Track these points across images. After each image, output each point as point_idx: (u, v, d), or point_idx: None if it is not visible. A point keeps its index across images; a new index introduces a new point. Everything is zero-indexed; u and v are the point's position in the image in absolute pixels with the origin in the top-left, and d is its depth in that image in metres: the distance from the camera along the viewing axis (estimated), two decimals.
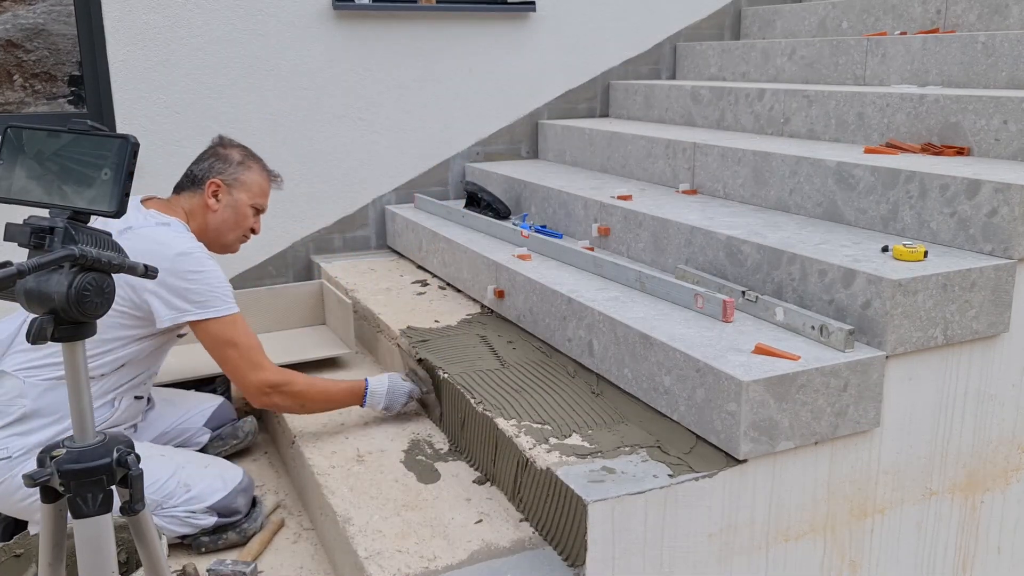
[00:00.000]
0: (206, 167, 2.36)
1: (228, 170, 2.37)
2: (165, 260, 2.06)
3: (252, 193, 2.40)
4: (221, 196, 2.35)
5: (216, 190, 2.34)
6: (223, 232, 2.38)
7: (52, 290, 1.12)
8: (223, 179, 2.35)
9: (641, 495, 1.70)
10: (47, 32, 5.22)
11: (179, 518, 2.13)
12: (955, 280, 1.97)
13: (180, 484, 2.14)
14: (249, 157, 2.43)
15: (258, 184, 2.42)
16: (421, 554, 1.79)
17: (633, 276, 2.43)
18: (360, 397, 2.37)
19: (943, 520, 2.16)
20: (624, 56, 4.27)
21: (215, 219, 2.36)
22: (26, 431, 2.05)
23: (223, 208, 2.36)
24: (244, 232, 2.43)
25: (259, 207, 2.45)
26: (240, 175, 2.38)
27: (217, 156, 2.39)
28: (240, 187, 2.38)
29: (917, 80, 3.15)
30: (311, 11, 3.58)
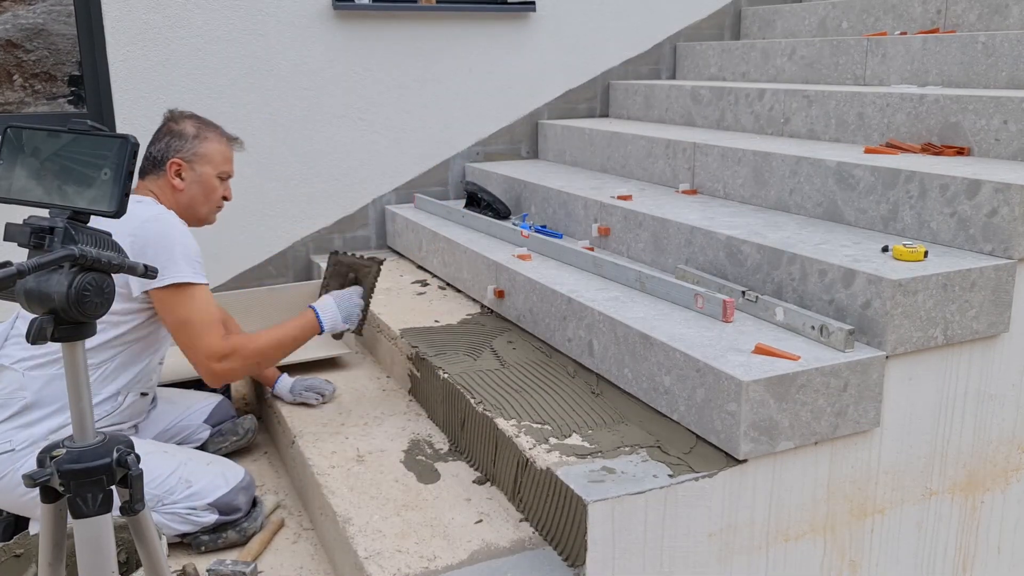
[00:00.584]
0: (163, 147, 2.32)
1: (185, 146, 2.32)
2: (133, 225, 2.06)
3: (215, 163, 2.36)
4: (184, 173, 2.31)
5: (179, 169, 2.30)
6: (195, 207, 2.35)
7: (52, 290, 1.12)
8: (182, 157, 2.31)
9: (641, 495, 1.70)
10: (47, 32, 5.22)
11: (180, 515, 2.13)
12: (955, 280, 1.97)
13: (181, 480, 2.15)
14: (204, 127, 2.38)
15: (219, 152, 2.37)
16: (421, 554, 1.79)
17: (633, 276, 2.43)
18: (314, 325, 2.37)
19: (943, 520, 2.16)
20: (624, 56, 4.27)
21: (184, 197, 2.32)
22: (28, 423, 2.06)
23: (189, 184, 2.32)
24: (216, 203, 2.41)
25: (225, 175, 2.40)
26: (198, 148, 2.33)
27: (172, 133, 2.34)
28: (201, 160, 2.33)
29: (917, 80, 3.15)
30: (311, 11, 3.58)
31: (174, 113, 2.41)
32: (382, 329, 2.87)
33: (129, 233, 2.04)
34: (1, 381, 2.09)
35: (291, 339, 2.34)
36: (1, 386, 2.08)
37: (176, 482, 2.14)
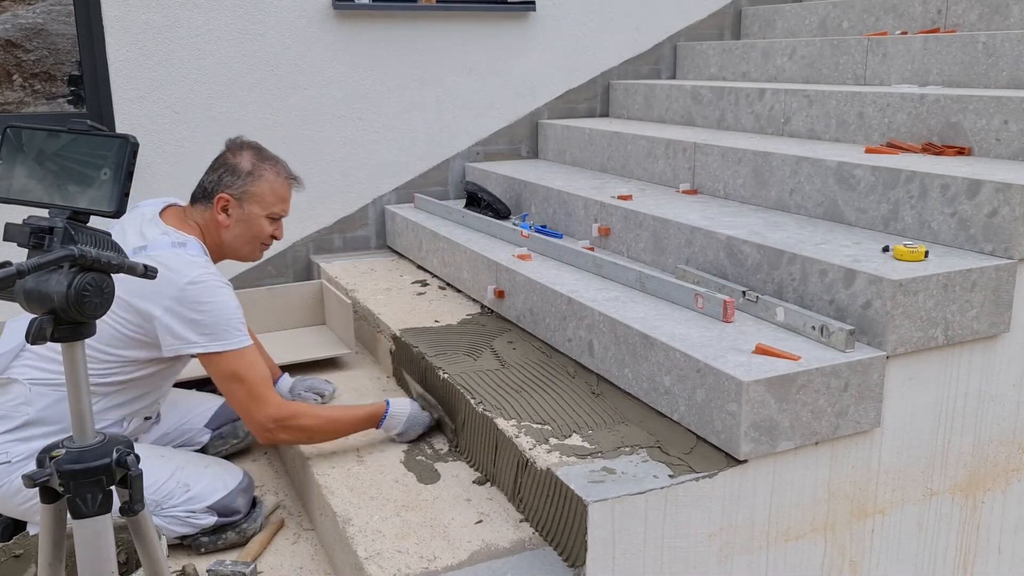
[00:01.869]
0: (215, 179, 2.23)
1: (237, 183, 2.22)
2: (175, 288, 2.02)
3: (265, 203, 2.25)
4: (232, 211, 2.23)
5: (226, 205, 2.22)
6: (237, 247, 2.28)
7: (51, 290, 1.12)
8: (232, 193, 2.21)
9: (641, 495, 1.69)
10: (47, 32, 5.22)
11: (179, 518, 2.13)
12: (956, 280, 1.97)
13: (179, 484, 2.14)
14: (261, 162, 2.26)
15: (271, 193, 2.26)
16: (421, 554, 1.79)
17: (633, 276, 2.42)
18: (377, 420, 2.28)
19: (944, 520, 2.16)
20: (624, 56, 4.27)
21: (228, 235, 2.25)
22: (27, 437, 2.05)
23: (235, 223, 2.23)
24: (263, 241, 2.31)
25: (275, 215, 2.29)
26: (250, 187, 2.23)
27: (226, 167, 2.24)
28: (251, 199, 2.23)
29: (918, 80, 3.15)
30: (311, 11, 3.58)
31: (233, 144, 2.30)
32: (382, 329, 2.87)
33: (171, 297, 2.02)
34: (9, 393, 2.07)
35: (349, 427, 2.27)
36: (8, 398, 2.07)
37: (174, 486, 2.14)
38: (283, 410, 2.13)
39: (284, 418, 2.13)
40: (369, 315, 3.00)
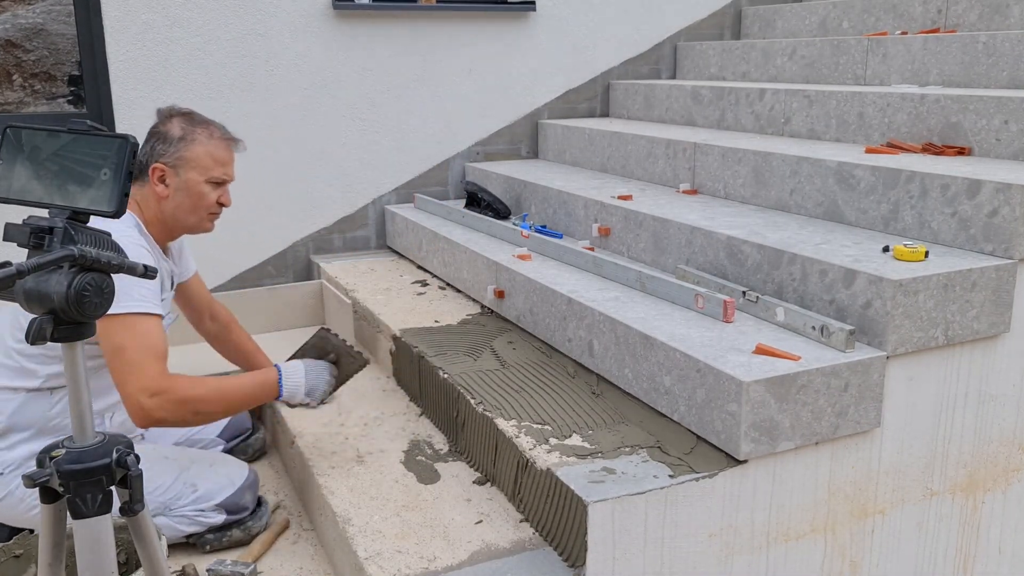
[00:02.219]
0: (148, 150, 2.10)
1: (169, 151, 2.09)
2: None
3: (202, 167, 2.11)
4: (168, 180, 2.09)
5: (162, 175, 2.09)
6: (181, 217, 2.13)
7: (51, 290, 1.12)
8: (165, 162, 2.09)
9: (641, 495, 1.69)
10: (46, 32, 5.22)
11: (189, 517, 2.12)
12: (956, 280, 1.97)
13: (187, 485, 2.14)
14: (193, 126, 2.13)
15: (207, 156, 2.12)
16: (421, 554, 1.79)
17: (633, 276, 2.42)
18: (273, 387, 2.12)
19: (944, 520, 2.16)
20: (624, 56, 4.27)
21: (168, 206, 2.11)
22: (8, 445, 2.03)
23: (174, 192, 2.10)
24: (208, 209, 2.16)
25: (217, 179, 2.15)
26: (183, 152, 2.09)
27: (157, 135, 2.12)
28: (186, 165, 2.10)
29: (918, 80, 3.15)
30: (311, 11, 3.58)
31: (163, 112, 2.18)
32: (382, 329, 2.87)
33: None
34: None
35: (242, 395, 2.08)
36: None
37: (182, 487, 2.13)
38: (160, 381, 1.90)
39: (161, 390, 1.89)
40: (369, 315, 3.00)
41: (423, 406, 2.53)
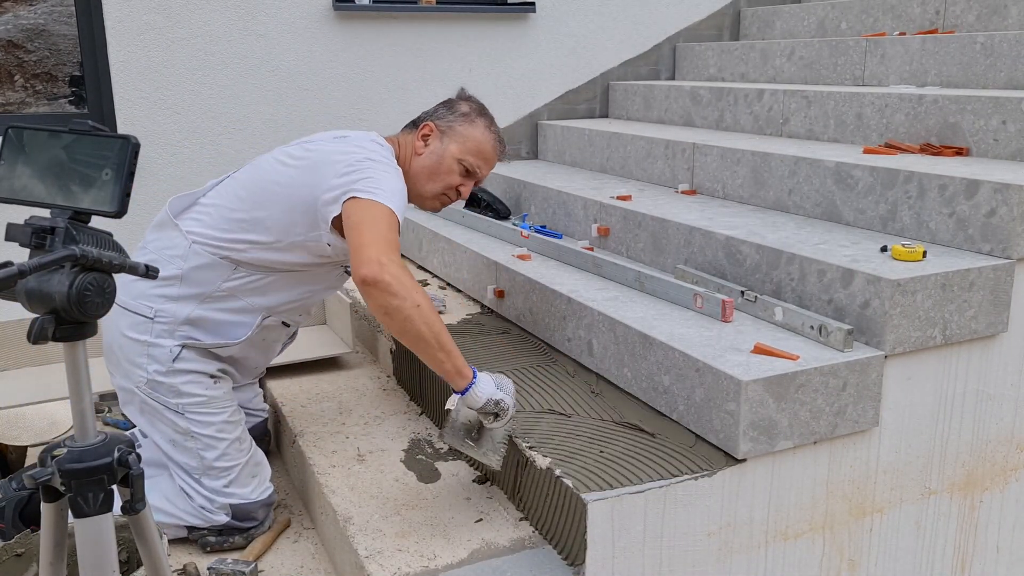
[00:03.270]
0: (431, 111, 2.25)
1: (447, 117, 2.19)
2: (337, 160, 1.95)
3: (464, 147, 2.17)
4: (430, 141, 2.18)
5: (427, 133, 2.18)
6: (421, 179, 2.16)
7: (53, 290, 1.13)
8: (438, 123, 2.19)
9: (640, 494, 1.70)
10: (48, 33, 5.23)
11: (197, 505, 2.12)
12: (954, 280, 1.97)
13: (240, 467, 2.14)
14: (478, 113, 2.23)
15: (475, 140, 2.18)
16: (421, 553, 1.80)
17: (632, 276, 2.43)
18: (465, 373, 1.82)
19: (942, 519, 2.16)
20: (623, 57, 4.28)
21: (417, 163, 2.17)
22: (175, 296, 2.05)
23: (428, 153, 2.16)
24: (446, 188, 2.19)
25: (470, 166, 2.18)
26: (457, 125, 2.18)
27: (446, 103, 2.25)
28: (453, 136, 2.17)
29: (916, 80, 3.16)
30: (311, 12, 3.58)
31: (464, 91, 2.31)
32: (382, 329, 2.87)
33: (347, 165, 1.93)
34: (169, 240, 2.07)
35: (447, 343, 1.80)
36: (166, 244, 2.07)
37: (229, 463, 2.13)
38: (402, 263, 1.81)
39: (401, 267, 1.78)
40: (369, 315, 3.01)
41: (423, 405, 2.53)
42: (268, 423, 2.61)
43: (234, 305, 2.10)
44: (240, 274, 2.08)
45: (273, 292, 2.13)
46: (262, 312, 2.15)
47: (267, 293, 2.12)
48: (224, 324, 2.12)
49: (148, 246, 2.12)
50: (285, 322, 2.26)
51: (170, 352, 2.06)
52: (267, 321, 2.18)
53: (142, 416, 2.13)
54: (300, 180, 2.00)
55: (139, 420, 2.15)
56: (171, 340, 2.06)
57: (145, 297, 2.06)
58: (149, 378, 2.07)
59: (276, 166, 2.07)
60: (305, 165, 2.02)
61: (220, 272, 2.06)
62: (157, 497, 2.13)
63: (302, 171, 2.01)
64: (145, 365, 2.06)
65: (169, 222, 2.10)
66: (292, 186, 2.01)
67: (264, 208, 2.04)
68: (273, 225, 2.04)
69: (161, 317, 2.05)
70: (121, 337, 2.07)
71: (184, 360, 2.08)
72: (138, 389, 2.09)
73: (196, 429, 2.10)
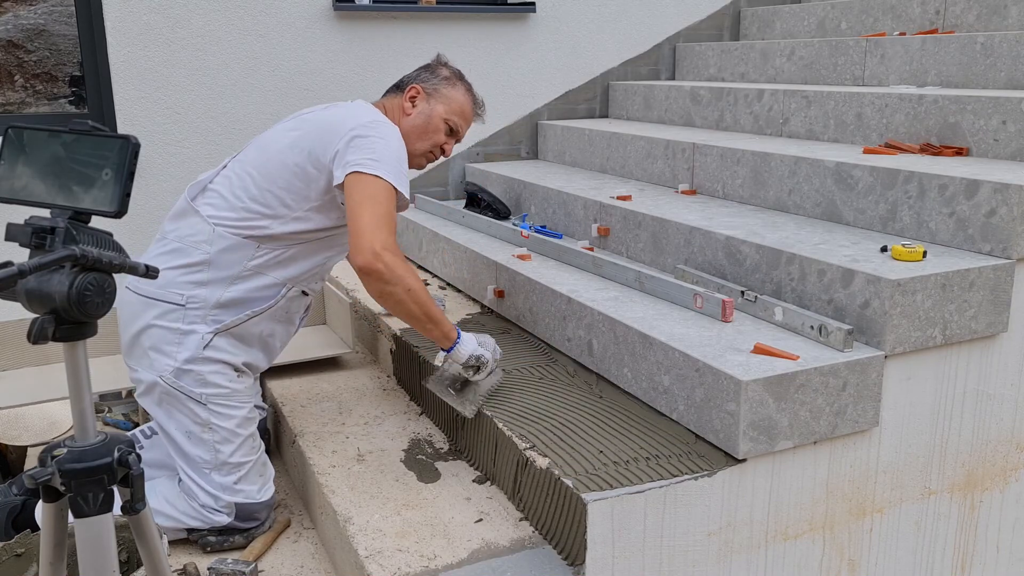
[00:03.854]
0: (413, 75, 2.38)
1: (432, 80, 2.35)
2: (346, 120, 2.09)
3: (449, 108, 2.34)
4: (418, 102, 2.32)
5: (414, 95, 2.32)
6: (411, 138, 2.27)
7: (53, 290, 1.13)
8: (424, 86, 2.33)
9: (640, 494, 1.70)
10: (48, 33, 5.23)
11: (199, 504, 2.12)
12: (954, 280, 1.97)
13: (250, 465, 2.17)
14: (458, 78, 2.40)
15: (458, 102, 2.36)
16: (421, 553, 1.80)
17: (632, 276, 2.43)
18: (451, 332, 2.09)
19: (942, 519, 2.16)
20: (623, 57, 4.28)
21: (407, 123, 2.29)
22: (204, 281, 2.09)
23: (416, 114, 2.30)
24: (433, 146, 2.34)
25: (454, 125, 2.35)
26: (442, 87, 2.34)
27: (427, 67, 2.40)
28: (439, 97, 2.33)
29: (916, 80, 3.16)
30: (311, 12, 3.58)
31: (440, 57, 2.46)
32: (382, 329, 2.88)
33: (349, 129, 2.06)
34: (190, 226, 2.12)
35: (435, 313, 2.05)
36: (188, 231, 2.11)
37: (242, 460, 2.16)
38: (397, 250, 1.99)
39: (396, 254, 1.96)
40: (369, 315, 3.01)
41: (423, 405, 2.53)
42: (267, 421, 2.61)
43: (260, 283, 2.16)
44: (263, 251, 2.13)
45: (295, 263, 2.19)
46: (286, 284, 2.21)
47: (290, 265, 2.18)
48: (252, 301, 2.17)
49: (169, 235, 2.15)
50: (304, 291, 2.31)
51: (202, 339, 2.10)
52: (291, 292, 2.23)
53: (160, 408, 2.14)
54: (307, 145, 2.10)
55: (156, 412, 2.15)
56: (204, 326, 2.11)
57: (174, 285, 2.09)
58: (177, 366, 2.09)
59: (281, 138, 2.16)
60: (310, 129, 2.13)
61: (245, 252, 2.12)
62: (157, 499, 2.13)
63: (307, 135, 2.12)
64: (175, 353, 2.09)
65: (189, 209, 2.14)
66: (300, 152, 2.10)
67: (277, 181, 2.11)
68: (288, 196, 2.11)
69: (193, 303, 2.09)
70: (151, 327, 2.10)
71: (214, 348, 2.12)
72: (162, 379, 2.10)
73: (216, 421, 2.12)
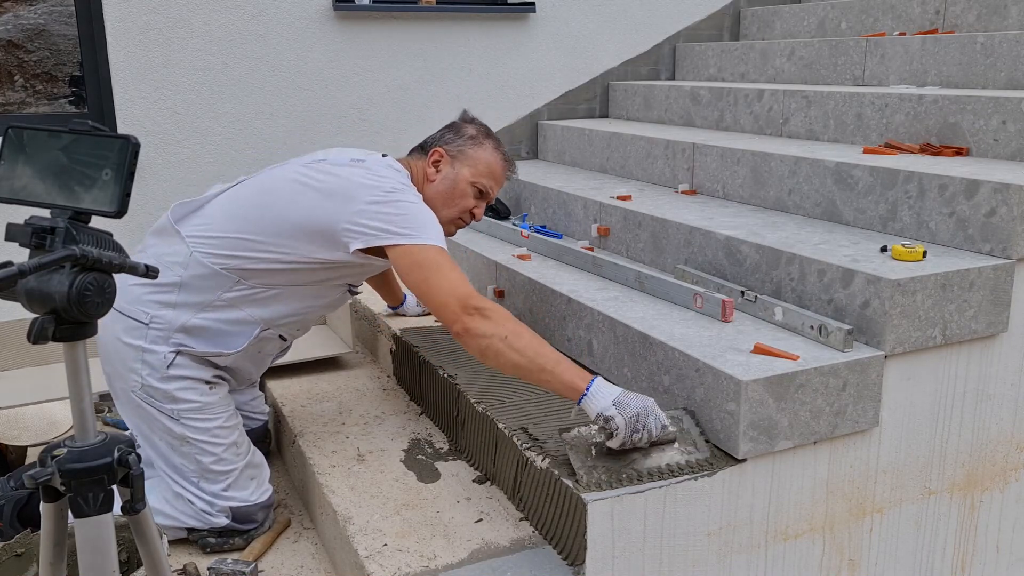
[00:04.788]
0: (437, 136, 2.28)
1: (456, 141, 2.24)
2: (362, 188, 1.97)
3: (476, 170, 2.23)
4: (442, 167, 2.22)
5: (438, 159, 2.22)
6: (437, 206, 2.15)
7: (53, 290, 1.13)
8: (447, 149, 2.23)
9: (640, 494, 1.70)
10: (48, 33, 5.23)
11: (194, 509, 2.12)
12: (954, 280, 1.97)
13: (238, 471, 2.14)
14: (485, 135, 2.29)
15: (485, 163, 2.24)
16: (421, 553, 1.80)
17: (632, 276, 2.43)
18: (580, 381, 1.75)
19: (942, 519, 2.16)
20: (623, 57, 4.28)
21: (431, 190, 2.19)
22: (172, 303, 2.03)
23: (441, 179, 2.20)
24: (461, 212, 2.24)
25: (482, 188, 2.24)
26: (467, 148, 2.23)
27: (451, 127, 2.30)
28: (464, 160, 2.22)
29: (916, 80, 3.16)
30: (311, 12, 3.58)
31: (467, 114, 2.36)
32: (382, 329, 2.88)
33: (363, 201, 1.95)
34: (170, 245, 2.05)
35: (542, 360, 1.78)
36: (167, 250, 2.05)
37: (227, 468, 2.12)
38: (479, 298, 1.85)
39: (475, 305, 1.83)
40: (369, 315, 3.01)
41: (423, 405, 2.54)
42: (268, 424, 2.61)
43: (233, 316, 2.08)
44: (242, 287, 2.06)
45: (274, 305, 2.11)
46: (260, 324, 2.13)
47: (268, 305, 2.10)
48: (220, 334, 2.09)
49: (147, 251, 2.10)
50: (282, 336, 2.24)
51: (164, 358, 2.05)
52: (264, 333, 2.15)
53: (139, 419, 2.12)
54: (321, 204, 2.00)
55: (136, 423, 2.14)
56: (165, 347, 2.05)
57: (141, 303, 2.04)
58: (144, 383, 2.06)
59: (294, 187, 2.04)
60: (327, 189, 2.01)
61: (221, 282, 2.04)
62: (156, 499, 2.13)
63: (324, 195, 2.00)
64: (139, 370, 2.05)
65: (170, 228, 2.08)
66: (312, 209, 2.00)
67: (278, 228, 2.02)
68: (287, 246, 2.02)
69: (156, 323, 2.04)
70: (116, 341, 2.06)
71: (178, 366, 2.06)
72: (133, 393, 2.08)
73: (191, 435, 2.09)
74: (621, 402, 1.70)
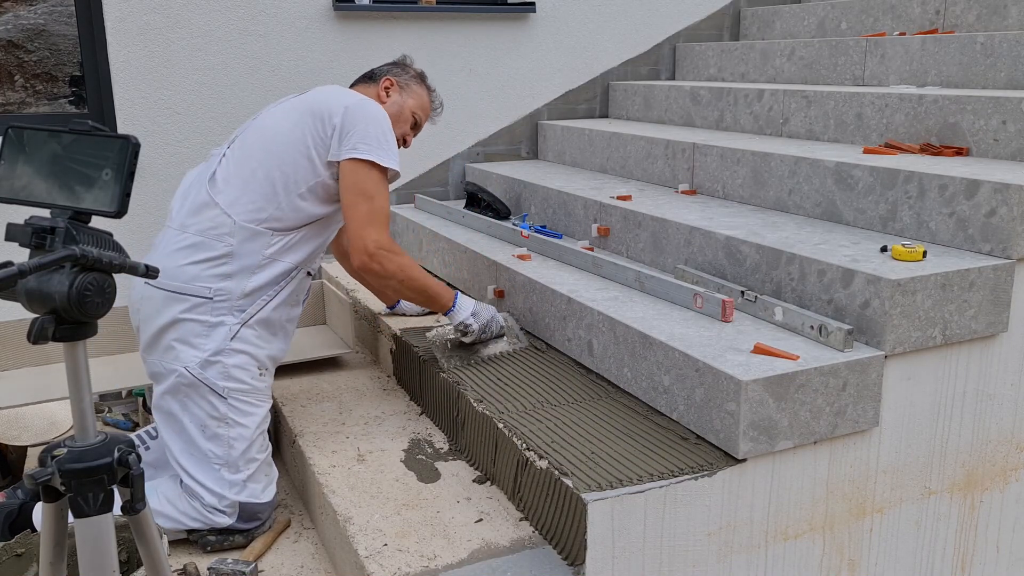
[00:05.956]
0: (385, 68, 2.55)
1: (404, 75, 2.53)
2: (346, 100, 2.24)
3: (417, 103, 2.52)
4: (392, 93, 2.48)
5: (389, 86, 2.48)
6: None
7: (53, 290, 1.13)
8: (398, 80, 2.50)
9: (640, 494, 1.70)
10: (48, 33, 5.23)
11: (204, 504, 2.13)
12: (954, 280, 1.97)
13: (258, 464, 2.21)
14: (425, 80, 2.59)
15: (423, 99, 2.55)
16: (421, 553, 1.80)
17: (632, 276, 2.43)
18: (448, 297, 2.39)
19: (942, 519, 2.16)
20: (623, 57, 4.28)
21: None
22: (227, 273, 2.15)
23: (390, 103, 2.46)
24: (401, 134, 2.49)
25: (419, 119, 2.54)
26: (412, 84, 2.53)
27: (397, 64, 2.58)
28: (410, 92, 2.51)
29: (916, 80, 3.16)
30: (311, 12, 3.58)
31: (406, 57, 2.65)
32: (382, 329, 2.88)
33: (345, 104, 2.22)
34: (208, 220, 2.17)
35: (432, 288, 2.35)
36: (208, 225, 2.17)
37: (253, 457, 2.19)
38: (391, 243, 2.25)
39: (389, 248, 2.23)
40: (369, 315, 3.01)
41: (423, 405, 2.54)
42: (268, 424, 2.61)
43: (277, 269, 2.22)
44: (277, 238, 2.21)
45: (303, 246, 2.27)
46: (297, 267, 2.29)
47: (299, 248, 2.26)
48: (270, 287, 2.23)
49: (189, 230, 2.17)
50: (308, 271, 2.37)
51: (229, 331, 2.15)
52: (299, 274, 2.31)
53: (176, 400, 2.15)
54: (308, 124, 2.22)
55: (172, 405, 2.16)
56: (231, 317, 2.16)
57: (200, 279, 2.14)
58: (204, 358, 2.13)
59: (281, 120, 2.26)
60: (306, 108, 2.25)
61: (262, 241, 2.18)
62: (158, 500, 2.13)
63: (303, 113, 2.24)
64: (203, 344, 2.13)
65: (210, 202, 2.18)
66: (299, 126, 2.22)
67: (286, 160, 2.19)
68: (296, 175, 2.20)
69: (220, 296, 2.14)
70: (179, 322, 2.13)
71: (241, 340, 2.17)
72: (187, 369, 2.13)
73: (234, 416, 2.16)
74: (476, 312, 2.42)
